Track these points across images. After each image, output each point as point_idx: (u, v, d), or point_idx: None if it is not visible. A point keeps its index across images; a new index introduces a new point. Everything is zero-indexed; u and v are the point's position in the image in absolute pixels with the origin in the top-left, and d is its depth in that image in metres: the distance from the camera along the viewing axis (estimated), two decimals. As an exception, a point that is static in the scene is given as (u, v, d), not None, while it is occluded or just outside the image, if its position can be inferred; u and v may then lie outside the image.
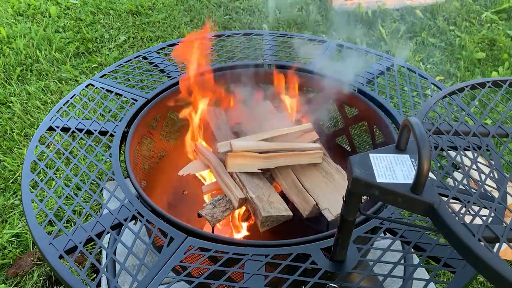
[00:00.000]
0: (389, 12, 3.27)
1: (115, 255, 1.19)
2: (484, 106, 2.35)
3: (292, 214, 1.24)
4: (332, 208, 1.24)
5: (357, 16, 3.24)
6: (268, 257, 0.91)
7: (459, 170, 1.74)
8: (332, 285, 0.83)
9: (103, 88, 1.46)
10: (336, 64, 1.62)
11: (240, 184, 1.28)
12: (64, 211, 1.83)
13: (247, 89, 1.64)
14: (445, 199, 0.67)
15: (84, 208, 1.04)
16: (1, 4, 3.28)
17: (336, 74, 1.54)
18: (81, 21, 3.16)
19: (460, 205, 0.73)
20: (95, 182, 1.94)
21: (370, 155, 0.71)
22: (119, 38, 2.99)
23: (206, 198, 1.38)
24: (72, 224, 1.74)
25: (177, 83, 1.50)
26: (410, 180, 0.66)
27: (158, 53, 1.65)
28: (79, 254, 1.62)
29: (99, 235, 0.98)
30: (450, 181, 1.79)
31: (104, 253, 1.49)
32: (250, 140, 1.38)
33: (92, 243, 1.46)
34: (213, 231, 1.24)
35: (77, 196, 1.08)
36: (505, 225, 0.66)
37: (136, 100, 1.41)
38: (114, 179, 1.13)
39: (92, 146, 1.22)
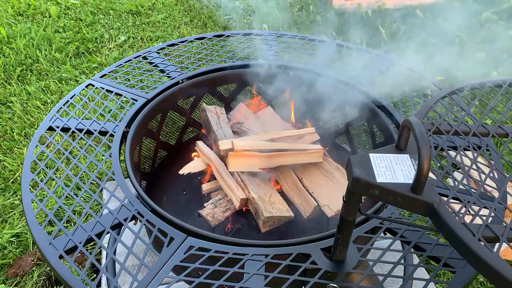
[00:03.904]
0: (389, 12, 3.27)
1: (115, 255, 1.19)
2: (484, 106, 2.35)
3: (293, 215, 1.24)
4: (332, 204, 1.24)
5: (357, 16, 3.24)
6: (268, 257, 0.91)
7: (459, 170, 1.74)
8: (332, 285, 0.83)
9: (103, 88, 1.46)
10: (336, 64, 1.62)
11: (242, 184, 1.28)
12: (64, 211, 1.83)
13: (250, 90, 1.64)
14: (445, 199, 0.67)
15: (84, 208, 1.04)
16: (1, 4, 3.28)
17: (336, 74, 1.54)
18: (81, 21, 3.16)
19: (460, 205, 0.73)
20: (95, 182, 1.94)
21: (370, 155, 0.71)
22: (119, 38, 2.99)
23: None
24: (72, 224, 1.74)
25: (177, 83, 1.50)
26: (410, 180, 0.66)
27: (158, 53, 1.65)
28: (79, 254, 1.62)
29: (99, 235, 0.98)
30: (450, 181, 1.79)
31: (104, 253, 1.49)
32: (251, 140, 1.38)
33: (92, 243, 1.46)
34: (213, 232, 1.24)
35: (77, 196, 1.08)
36: (505, 225, 0.66)
37: (136, 100, 1.41)
38: (114, 179, 1.13)
39: (92, 146, 1.22)
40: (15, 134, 2.18)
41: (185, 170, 1.38)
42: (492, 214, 0.71)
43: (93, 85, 1.47)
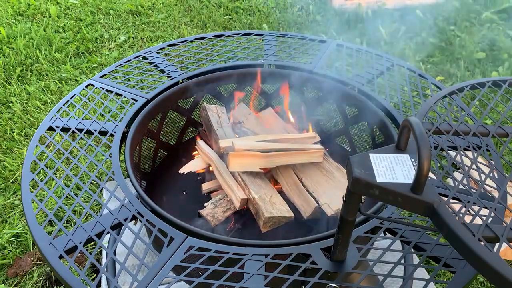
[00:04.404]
0: (389, 12, 3.27)
1: (115, 255, 1.19)
2: (484, 106, 2.35)
3: (294, 215, 1.24)
4: (332, 203, 1.24)
5: (357, 16, 3.24)
6: (268, 257, 0.91)
7: (459, 170, 1.74)
8: (332, 285, 0.83)
9: (103, 88, 1.46)
10: (336, 64, 1.62)
11: (243, 184, 1.28)
12: (64, 211, 1.83)
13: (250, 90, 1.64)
14: (445, 199, 0.67)
15: (84, 208, 1.04)
16: (1, 4, 3.28)
17: (336, 74, 1.54)
18: (81, 21, 3.16)
19: (460, 205, 0.73)
20: (95, 182, 1.94)
21: (370, 155, 0.71)
22: (119, 38, 2.99)
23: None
24: (72, 224, 1.74)
25: (177, 83, 1.50)
26: (410, 180, 0.66)
27: (158, 53, 1.65)
28: (79, 254, 1.62)
29: (99, 235, 0.98)
30: (450, 181, 1.79)
31: (104, 253, 1.49)
32: (252, 140, 1.38)
33: (92, 243, 1.46)
34: (213, 232, 1.24)
35: (77, 196, 1.08)
36: (505, 225, 0.66)
37: (136, 100, 1.41)
38: (114, 179, 1.13)
39: (92, 146, 1.22)
40: (15, 134, 2.18)
41: (185, 169, 1.38)
42: (492, 214, 0.71)
43: (93, 85, 1.47)
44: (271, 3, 3.43)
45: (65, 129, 1.29)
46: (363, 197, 0.73)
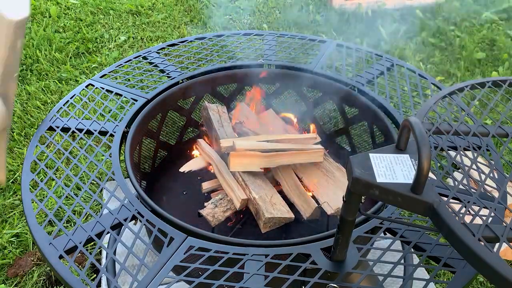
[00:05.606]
0: (389, 12, 3.27)
1: (115, 255, 1.19)
2: (484, 106, 2.35)
3: (294, 216, 1.24)
4: (332, 202, 1.24)
5: (357, 16, 3.24)
6: (268, 257, 0.91)
7: (459, 170, 1.74)
8: (332, 285, 0.83)
9: (103, 88, 1.46)
10: (336, 64, 1.62)
11: (243, 184, 1.28)
12: (64, 211, 1.83)
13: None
14: (445, 199, 0.67)
15: (84, 208, 1.04)
16: (1, 4, 3.28)
17: (336, 74, 1.54)
18: (81, 21, 3.16)
19: (460, 205, 0.73)
20: (95, 182, 1.94)
21: (370, 155, 0.71)
22: (119, 38, 2.99)
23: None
24: (72, 224, 1.74)
25: (177, 83, 1.50)
26: (410, 180, 0.66)
27: (158, 53, 1.65)
28: (79, 254, 1.62)
29: (99, 235, 0.98)
30: (450, 181, 1.79)
31: (104, 253, 1.49)
32: (252, 140, 1.38)
33: (92, 243, 1.46)
34: (213, 231, 1.24)
35: (77, 196, 1.08)
36: (505, 225, 0.66)
37: (136, 100, 1.41)
38: (114, 179, 1.13)
39: (92, 146, 1.22)
40: (15, 134, 2.18)
41: (185, 168, 1.38)
42: (492, 214, 0.71)
43: (93, 85, 1.47)
44: (271, 3, 3.43)
45: (65, 129, 1.29)
46: (363, 197, 0.73)
